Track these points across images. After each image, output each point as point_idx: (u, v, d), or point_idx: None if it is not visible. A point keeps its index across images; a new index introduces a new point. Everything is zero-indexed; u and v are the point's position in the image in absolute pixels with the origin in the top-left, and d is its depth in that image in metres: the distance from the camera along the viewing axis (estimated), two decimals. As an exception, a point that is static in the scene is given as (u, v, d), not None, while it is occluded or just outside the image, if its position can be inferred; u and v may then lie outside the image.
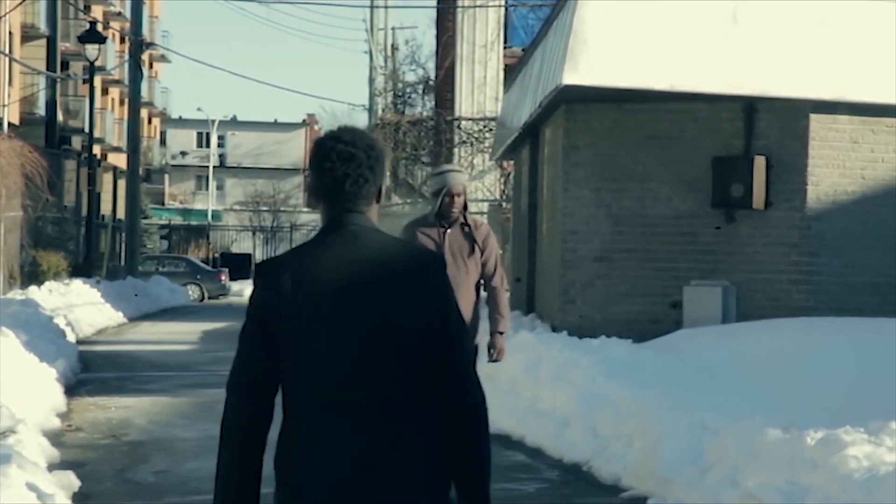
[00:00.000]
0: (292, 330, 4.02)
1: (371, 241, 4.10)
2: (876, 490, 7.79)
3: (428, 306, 4.03)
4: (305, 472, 4.20)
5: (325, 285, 4.00)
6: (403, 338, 3.99)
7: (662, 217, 16.63)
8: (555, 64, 16.28)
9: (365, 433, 3.98)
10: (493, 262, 9.52)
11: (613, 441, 11.02)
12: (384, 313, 3.99)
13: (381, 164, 4.18)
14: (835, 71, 15.86)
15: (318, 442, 4.11)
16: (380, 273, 4.03)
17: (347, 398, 3.99)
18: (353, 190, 4.11)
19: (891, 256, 16.19)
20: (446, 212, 9.42)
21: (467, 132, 36.05)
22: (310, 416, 4.10)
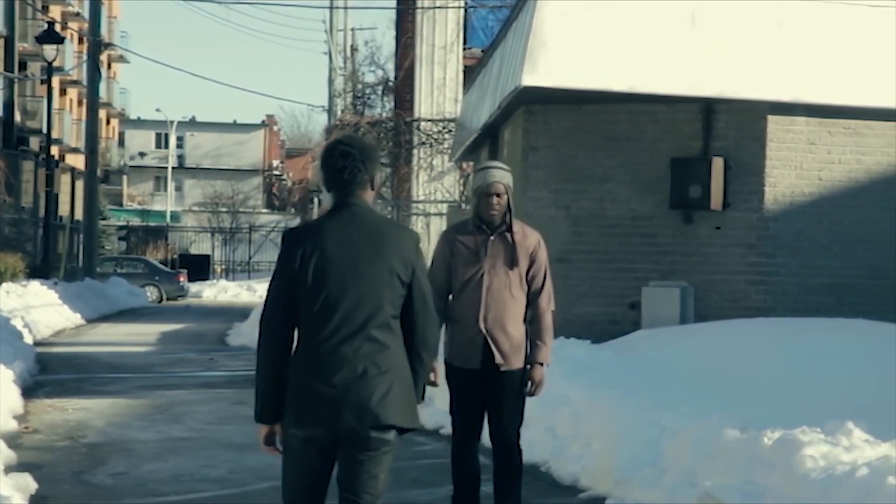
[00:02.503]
0: (308, 277, 5.68)
1: (364, 216, 5.80)
2: (832, 490, 7.84)
3: (404, 264, 5.76)
4: (309, 377, 5.66)
5: (331, 245, 5.71)
6: (385, 283, 5.71)
7: (621, 218, 16.67)
8: (514, 65, 16.29)
9: (358, 350, 5.64)
10: (541, 277, 8.09)
11: (572, 442, 11.04)
12: (372, 265, 5.71)
13: (372, 160, 5.85)
14: (792, 73, 15.94)
15: (321, 356, 5.66)
16: (370, 237, 5.75)
17: (347, 324, 5.65)
18: (350, 178, 5.81)
19: (847, 257, 16.29)
20: (485, 215, 8.01)
21: (426, 133, 36.02)
22: (314, 342, 5.68)
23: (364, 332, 5.66)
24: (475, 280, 7.99)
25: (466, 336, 8.01)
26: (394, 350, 5.72)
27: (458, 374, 8.08)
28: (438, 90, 36.24)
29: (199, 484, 10.68)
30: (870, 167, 16.38)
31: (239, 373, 20.69)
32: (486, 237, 8.02)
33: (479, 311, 7.97)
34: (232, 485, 10.71)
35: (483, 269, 7.98)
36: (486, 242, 8.01)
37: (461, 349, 8.05)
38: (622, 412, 10.77)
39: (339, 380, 5.61)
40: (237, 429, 13.96)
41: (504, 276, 7.99)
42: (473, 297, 7.98)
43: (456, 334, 8.07)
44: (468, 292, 8.00)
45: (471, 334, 7.99)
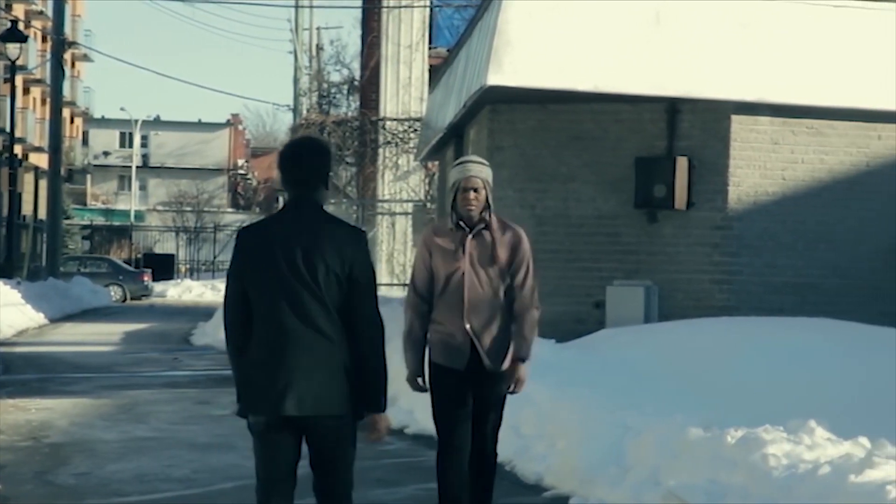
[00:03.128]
0: (253, 272, 6.00)
1: (311, 214, 6.05)
2: (795, 488, 7.86)
3: (342, 261, 5.95)
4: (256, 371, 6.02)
5: (276, 241, 5.98)
6: (326, 279, 5.93)
7: (586, 217, 16.70)
8: (479, 65, 16.30)
9: (296, 346, 5.92)
10: (522, 273, 7.80)
11: (536, 441, 11.04)
12: (313, 262, 5.92)
13: (323, 161, 6.11)
14: (756, 73, 16.00)
15: (265, 351, 5.99)
16: (313, 234, 5.97)
17: (286, 320, 5.93)
18: (299, 177, 6.08)
19: (810, 257, 16.36)
20: (462, 211, 7.75)
21: (392, 132, 36.02)
22: (261, 333, 6.00)
23: (305, 325, 5.94)
24: (456, 279, 7.73)
25: (451, 338, 7.75)
26: (333, 343, 5.97)
27: (444, 375, 7.76)
28: (404, 89, 36.24)
29: (163, 484, 10.64)
30: (832, 167, 16.46)
31: (203, 372, 20.64)
32: (464, 235, 7.77)
33: (463, 311, 7.71)
34: (195, 485, 10.67)
35: (462, 268, 7.73)
36: (465, 240, 7.76)
37: (446, 350, 7.77)
38: (586, 411, 10.78)
39: (281, 370, 5.94)
40: (201, 428, 13.92)
41: (485, 273, 7.74)
42: (455, 297, 7.72)
43: (441, 336, 7.79)
44: (450, 292, 7.75)
45: (456, 336, 7.73)
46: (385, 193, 36.05)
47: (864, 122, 16.45)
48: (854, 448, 8.38)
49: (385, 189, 36.11)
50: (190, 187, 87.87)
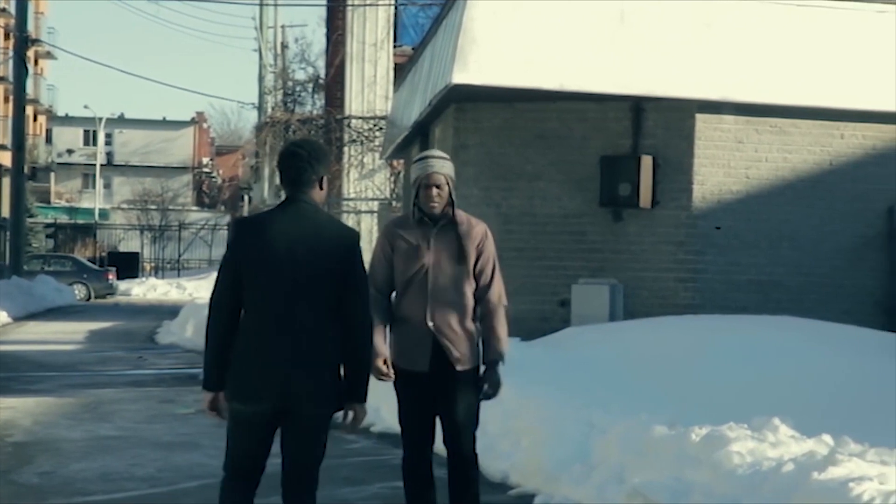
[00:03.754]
0: (249, 266, 6.25)
1: (308, 212, 6.34)
2: (759, 485, 7.90)
3: (338, 260, 6.25)
4: (247, 360, 6.23)
5: (272, 237, 6.25)
6: (320, 276, 6.21)
7: (551, 216, 16.73)
8: (444, 63, 16.30)
9: (287, 338, 6.18)
10: (489, 269, 7.61)
11: (501, 439, 11.05)
12: (309, 258, 6.20)
13: (319, 161, 6.40)
14: (720, 71, 16.05)
15: (257, 338, 6.23)
16: (310, 232, 6.25)
17: (277, 312, 6.20)
18: (296, 177, 6.37)
19: (774, 255, 16.43)
20: (425, 208, 7.52)
21: (357, 131, 35.96)
22: (253, 321, 6.25)
23: (299, 319, 6.21)
24: (419, 277, 7.46)
25: (414, 337, 7.46)
26: (327, 338, 6.24)
27: (406, 379, 7.50)
28: (369, 87, 36.18)
29: (127, 483, 10.61)
30: (796, 165, 16.53)
31: (167, 371, 20.59)
32: (428, 230, 7.53)
33: (426, 309, 7.44)
34: (160, 483, 10.65)
35: (426, 265, 7.48)
36: (429, 236, 7.52)
37: (408, 351, 7.49)
38: (552, 409, 10.80)
39: (271, 361, 6.18)
40: (166, 427, 13.88)
41: (450, 271, 7.50)
42: (419, 296, 7.46)
43: (402, 335, 7.52)
44: (413, 290, 7.48)
45: (419, 335, 7.45)
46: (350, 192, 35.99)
47: (827, 121, 16.53)
48: (817, 445, 8.43)
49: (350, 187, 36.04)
50: (154, 185, 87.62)
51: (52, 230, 72.61)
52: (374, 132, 35.35)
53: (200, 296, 43.91)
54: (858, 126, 16.63)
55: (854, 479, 7.17)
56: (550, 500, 9.60)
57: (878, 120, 16.58)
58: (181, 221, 77.32)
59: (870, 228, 16.70)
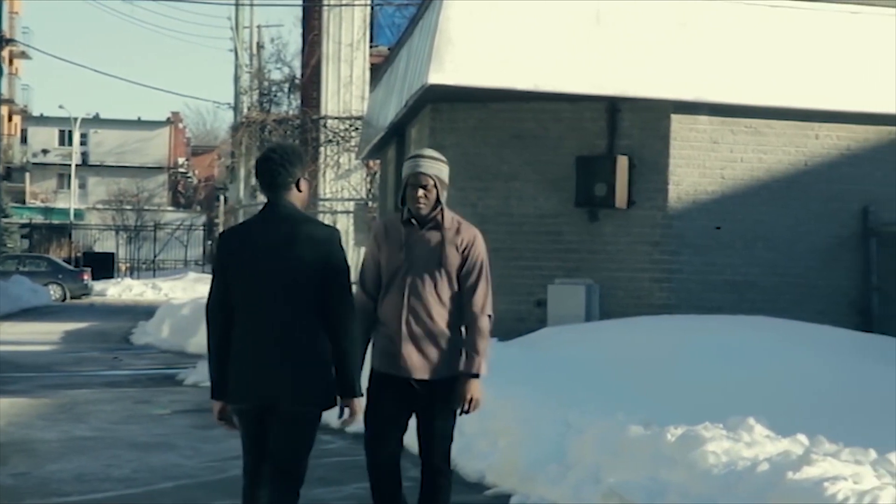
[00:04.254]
0: (233, 270, 6.46)
1: (285, 215, 6.48)
2: (734, 485, 7.93)
3: (316, 260, 6.36)
4: (235, 360, 6.45)
5: (252, 243, 6.45)
6: (299, 276, 6.36)
7: (527, 216, 16.74)
8: (420, 63, 16.30)
9: (272, 340, 6.36)
10: (474, 276, 7.26)
11: (478, 439, 11.06)
12: (286, 260, 6.36)
13: (293, 163, 6.53)
14: (695, 72, 16.09)
15: (243, 341, 6.43)
16: (287, 234, 6.40)
17: (260, 314, 6.39)
18: (271, 181, 6.53)
19: (749, 255, 16.48)
20: (412, 208, 7.26)
21: (333, 131, 35.92)
22: (240, 324, 6.45)
23: (280, 320, 6.38)
24: (398, 279, 7.24)
25: (389, 341, 7.22)
26: (310, 337, 6.40)
27: (381, 380, 7.24)
28: (345, 88, 36.15)
29: (103, 484, 10.59)
30: (771, 166, 16.58)
31: (143, 372, 20.54)
32: (413, 232, 7.27)
33: (402, 313, 7.21)
34: (136, 484, 10.63)
35: (405, 267, 7.25)
36: (411, 237, 7.27)
37: (385, 355, 7.26)
38: (528, 409, 10.81)
39: (258, 363, 6.39)
40: (141, 428, 13.86)
41: (429, 274, 7.22)
42: (396, 298, 7.23)
43: (380, 339, 7.29)
44: (392, 292, 7.26)
45: (393, 339, 7.21)
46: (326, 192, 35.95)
47: (801, 122, 16.58)
48: (792, 445, 8.47)
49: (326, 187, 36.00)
50: (130, 185, 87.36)
51: (27, 230, 72.39)
52: (350, 132, 35.32)
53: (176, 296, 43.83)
54: (833, 126, 16.69)
55: (828, 478, 7.20)
56: (527, 500, 9.61)
57: (852, 120, 16.64)
58: (157, 222, 77.17)
59: (844, 229, 16.76)
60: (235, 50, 45.38)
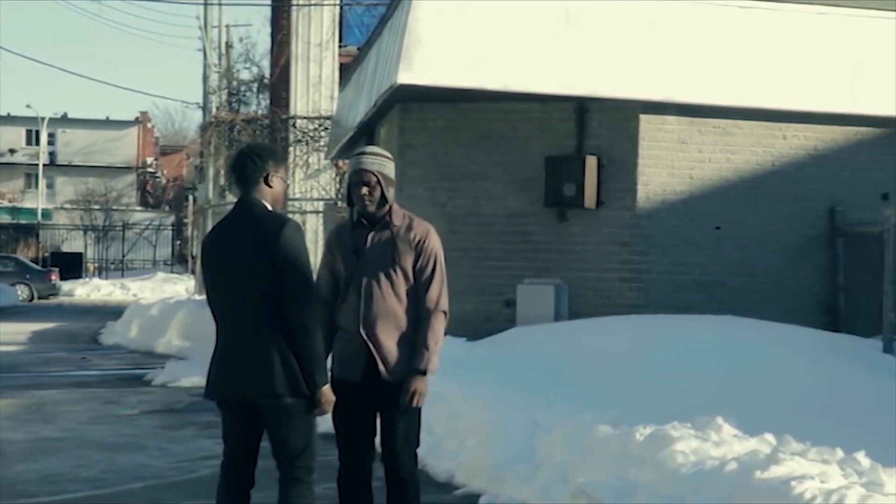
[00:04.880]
0: (206, 273, 6.64)
1: (248, 211, 6.54)
2: (702, 484, 7.95)
3: (271, 253, 6.37)
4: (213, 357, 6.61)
5: (219, 242, 6.59)
6: (257, 272, 6.39)
7: (496, 216, 16.76)
8: (390, 63, 16.30)
9: (235, 336, 6.47)
10: (427, 273, 7.08)
11: (447, 439, 11.07)
12: (246, 255, 6.42)
13: (264, 158, 6.60)
14: (664, 72, 16.13)
15: (218, 342, 6.60)
16: (247, 230, 6.48)
17: (227, 312, 6.53)
18: (239, 175, 6.61)
19: (717, 255, 16.53)
20: (358, 208, 7.07)
21: (302, 131, 35.87)
22: (217, 325, 6.60)
23: (244, 315, 6.44)
24: (354, 282, 7.01)
25: (348, 345, 7.00)
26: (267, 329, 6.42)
27: (340, 387, 6.86)
28: (314, 88, 36.11)
29: (71, 484, 10.55)
30: (739, 166, 16.64)
31: (111, 372, 20.47)
32: (363, 233, 7.07)
33: (359, 315, 6.98)
34: (104, 485, 10.59)
35: (359, 270, 7.03)
36: (364, 238, 7.07)
37: (343, 359, 7.04)
38: (497, 409, 10.82)
39: (226, 358, 6.51)
40: (110, 428, 13.81)
41: (385, 274, 7.00)
42: (353, 301, 7.01)
43: (339, 343, 7.06)
44: (349, 296, 7.04)
45: (352, 343, 6.98)
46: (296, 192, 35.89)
47: (769, 122, 16.65)
48: (760, 444, 8.49)
49: (296, 187, 35.94)
50: (98, 185, 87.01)
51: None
52: (320, 132, 35.28)
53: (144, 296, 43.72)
54: (800, 127, 16.77)
55: (796, 477, 7.23)
56: (496, 499, 9.62)
57: (819, 121, 16.72)
58: (125, 222, 76.95)
59: (812, 229, 16.83)
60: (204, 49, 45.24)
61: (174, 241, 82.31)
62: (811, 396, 11.84)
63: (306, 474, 6.58)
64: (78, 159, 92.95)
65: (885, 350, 14.10)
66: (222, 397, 6.60)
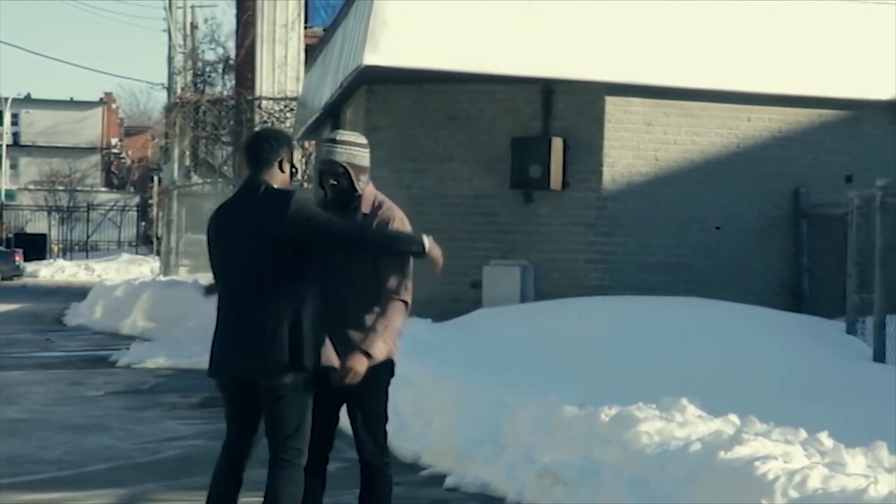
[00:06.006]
0: (212, 252, 6.65)
1: (256, 188, 6.56)
2: (667, 464, 7.99)
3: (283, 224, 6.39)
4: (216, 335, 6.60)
5: (224, 221, 6.63)
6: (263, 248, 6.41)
7: (462, 197, 16.76)
8: (355, 44, 16.27)
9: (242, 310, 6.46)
10: (390, 260, 6.89)
11: (413, 420, 11.09)
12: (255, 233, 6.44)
13: (280, 143, 6.66)
14: (629, 54, 16.15)
15: (222, 316, 6.58)
16: (254, 205, 6.52)
17: (234, 287, 6.53)
18: (253, 156, 6.65)
19: (682, 236, 16.58)
20: (329, 194, 6.91)
21: (268, 112, 35.80)
22: (221, 300, 6.61)
23: (251, 294, 6.46)
24: (326, 265, 6.73)
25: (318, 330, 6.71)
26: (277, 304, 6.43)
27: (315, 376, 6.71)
28: (280, 69, 36.03)
29: (35, 466, 10.52)
30: (704, 148, 16.69)
31: (76, 353, 20.42)
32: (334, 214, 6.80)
33: (327, 300, 6.73)
34: (69, 466, 10.57)
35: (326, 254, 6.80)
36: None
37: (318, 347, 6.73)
38: (463, 390, 10.84)
39: (231, 333, 6.52)
40: (74, 410, 13.78)
41: (350, 260, 6.78)
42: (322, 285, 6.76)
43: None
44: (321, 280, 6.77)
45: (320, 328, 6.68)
46: (261, 173, 35.85)
47: (734, 104, 16.69)
48: (724, 425, 8.54)
49: (261, 168, 35.92)
50: (62, 166, 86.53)
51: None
52: (286, 113, 35.21)
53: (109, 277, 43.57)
54: (765, 109, 16.81)
55: (759, 457, 7.28)
56: (462, 480, 9.65)
57: (783, 104, 16.77)
58: (90, 203, 76.63)
59: (776, 210, 16.90)
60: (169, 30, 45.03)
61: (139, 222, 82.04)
62: (775, 377, 11.92)
63: (296, 456, 6.54)
64: (42, 140, 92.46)
65: (849, 331, 14.19)
66: (226, 375, 6.58)
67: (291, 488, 6.52)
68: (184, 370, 17.66)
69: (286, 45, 35.80)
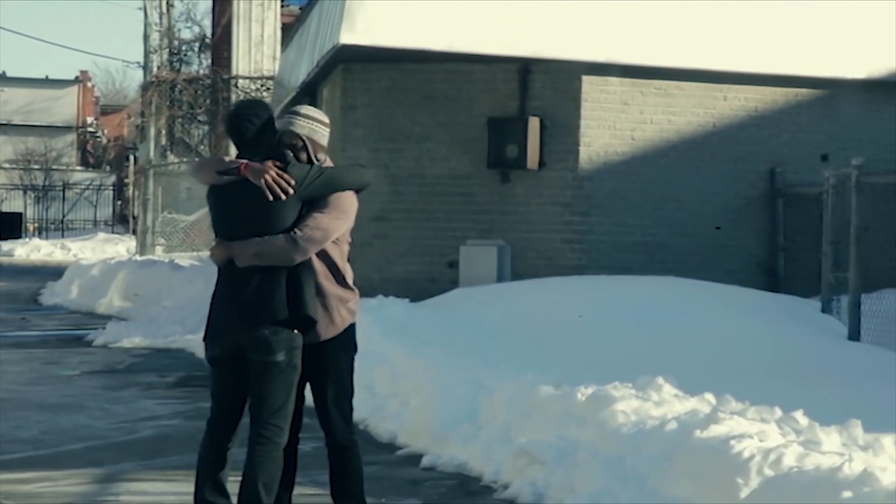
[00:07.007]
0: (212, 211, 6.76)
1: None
2: (643, 443, 8.02)
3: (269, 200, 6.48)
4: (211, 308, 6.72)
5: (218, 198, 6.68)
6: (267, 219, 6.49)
7: (439, 177, 16.76)
8: (332, 23, 16.23)
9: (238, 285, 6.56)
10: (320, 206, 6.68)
11: (390, 399, 11.10)
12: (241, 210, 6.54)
13: (263, 122, 6.67)
14: (606, 33, 16.15)
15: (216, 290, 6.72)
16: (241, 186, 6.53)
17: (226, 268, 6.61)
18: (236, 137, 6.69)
19: (658, 216, 16.60)
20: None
21: (245, 91, 35.68)
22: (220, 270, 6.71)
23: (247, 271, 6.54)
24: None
25: None
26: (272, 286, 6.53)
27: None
28: (256, 48, 35.92)
29: (10, 445, 10.49)
30: (680, 127, 16.71)
31: (52, 332, 20.35)
32: None
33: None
34: (44, 445, 10.55)
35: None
36: None
37: None
38: (440, 369, 10.85)
39: (220, 312, 6.64)
40: (50, 389, 13.74)
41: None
42: None
43: None
44: None
45: None
46: (238, 152, 35.77)
47: (710, 84, 16.71)
48: (700, 404, 8.58)
49: (237, 147, 35.84)
50: (38, 145, 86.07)
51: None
52: (262, 92, 35.10)
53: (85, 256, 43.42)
54: (741, 88, 16.84)
55: (735, 436, 7.31)
56: (438, 459, 9.66)
57: (759, 82, 16.80)
58: (65, 181, 76.35)
59: (752, 189, 16.94)
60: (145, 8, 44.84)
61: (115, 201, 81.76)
62: (750, 356, 11.96)
63: (277, 434, 6.58)
64: (17, 118, 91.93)
65: (824, 310, 14.25)
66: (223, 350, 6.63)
67: (270, 466, 6.55)
68: (160, 349, 17.63)
69: (262, 23, 35.69)
